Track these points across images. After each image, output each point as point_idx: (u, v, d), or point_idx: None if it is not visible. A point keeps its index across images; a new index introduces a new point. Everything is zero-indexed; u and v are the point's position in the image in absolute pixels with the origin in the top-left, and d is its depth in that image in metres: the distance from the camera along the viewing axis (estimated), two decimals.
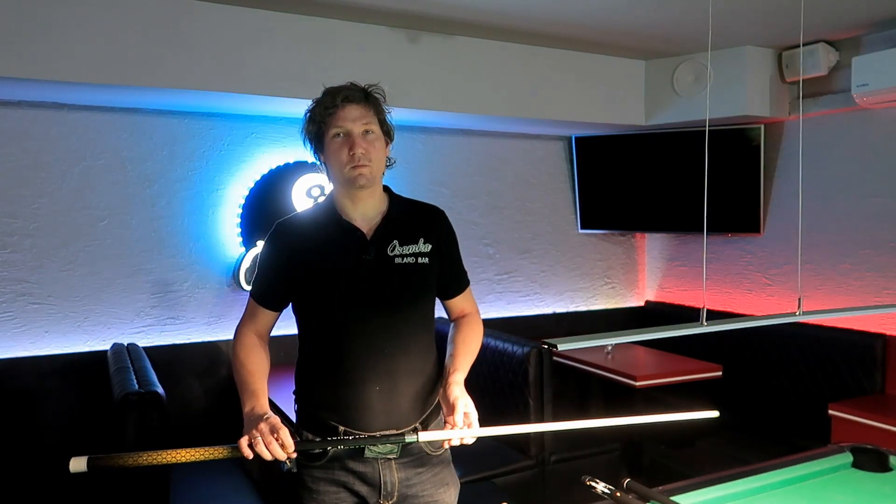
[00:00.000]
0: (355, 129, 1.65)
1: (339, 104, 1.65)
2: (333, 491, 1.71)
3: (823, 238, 3.74)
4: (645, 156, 4.36)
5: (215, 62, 2.95)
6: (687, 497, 1.62)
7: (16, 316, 3.17)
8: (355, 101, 1.66)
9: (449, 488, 1.79)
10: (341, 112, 1.65)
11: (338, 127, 1.66)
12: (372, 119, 1.68)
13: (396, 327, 1.69)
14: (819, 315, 2.13)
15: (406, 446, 1.70)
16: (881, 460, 1.86)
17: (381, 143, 1.71)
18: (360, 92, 1.68)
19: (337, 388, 1.68)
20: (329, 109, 1.66)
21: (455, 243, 1.84)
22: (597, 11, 3.13)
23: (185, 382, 3.45)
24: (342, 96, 1.66)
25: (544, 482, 3.15)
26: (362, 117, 1.66)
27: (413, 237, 1.73)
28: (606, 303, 4.78)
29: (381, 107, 1.72)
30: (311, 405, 1.74)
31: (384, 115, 1.72)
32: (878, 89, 3.16)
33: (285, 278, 1.72)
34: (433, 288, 1.79)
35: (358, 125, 1.66)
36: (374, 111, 1.69)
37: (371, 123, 1.68)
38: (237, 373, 1.76)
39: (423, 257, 1.72)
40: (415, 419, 1.72)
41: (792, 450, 1.98)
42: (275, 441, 1.50)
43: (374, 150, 1.67)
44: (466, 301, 1.88)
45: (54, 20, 2.67)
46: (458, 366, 1.71)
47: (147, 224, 3.41)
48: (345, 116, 1.65)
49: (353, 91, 1.68)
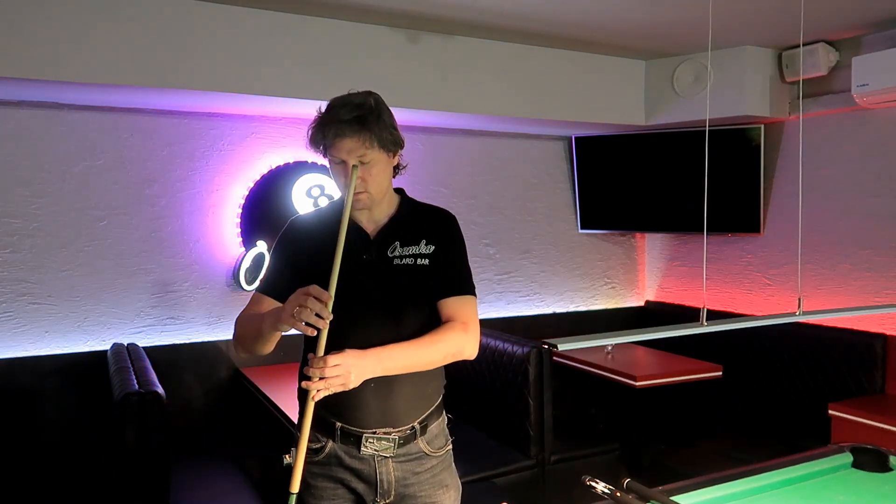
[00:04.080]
0: (350, 160, 1.62)
1: (329, 140, 1.61)
2: (331, 487, 1.72)
3: (823, 238, 3.74)
4: (645, 156, 4.35)
5: (215, 62, 2.95)
6: (687, 497, 1.62)
7: (16, 316, 3.17)
8: (348, 134, 1.60)
9: (448, 490, 1.78)
10: (335, 145, 1.61)
11: (333, 157, 1.64)
12: (368, 145, 1.61)
13: (394, 327, 1.68)
14: (819, 315, 2.13)
15: (404, 445, 1.70)
16: (881, 460, 1.86)
17: (382, 164, 1.66)
18: (352, 122, 1.60)
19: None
20: (325, 140, 1.63)
21: (459, 248, 1.80)
22: (597, 11, 3.13)
23: (185, 382, 3.45)
24: (333, 132, 1.60)
25: (544, 482, 3.15)
26: (356, 149, 1.61)
27: (415, 239, 1.73)
28: (606, 303, 4.78)
29: (379, 125, 1.62)
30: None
31: (386, 131, 1.64)
32: (878, 89, 3.16)
33: (290, 273, 1.72)
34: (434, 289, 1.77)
35: (352, 157, 1.62)
36: (371, 134, 1.61)
37: (367, 150, 1.61)
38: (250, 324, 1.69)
39: (423, 259, 1.72)
40: (413, 419, 1.72)
41: (792, 450, 1.98)
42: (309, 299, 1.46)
43: (370, 177, 1.64)
44: (458, 308, 1.73)
45: (54, 20, 2.67)
46: (389, 346, 1.63)
47: (147, 224, 3.41)
48: (339, 148, 1.61)
49: (343, 125, 1.59)
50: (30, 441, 3.13)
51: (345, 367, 1.53)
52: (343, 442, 1.69)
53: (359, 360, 1.56)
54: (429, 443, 1.74)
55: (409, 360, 1.66)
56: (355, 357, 1.55)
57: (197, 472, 3.13)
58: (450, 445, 1.82)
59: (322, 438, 1.71)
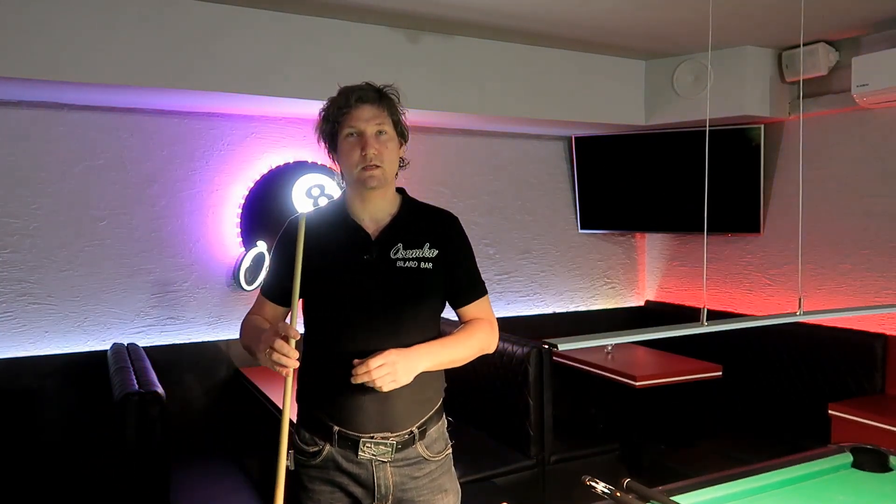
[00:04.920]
0: (368, 129, 1.64)
1: (352, 104, 1.64)
2: (329, 491, 1.70)
3: (823, 238, 3.74)
4: (645, 156, 4.35)
5: (215, 62, 2.95)
6: (687, 497, 1.62)
7: (16, 316, 3.17)
8: (369, 101, 1.65)
9: (447, 495, 1.76)
10: (354, 112, 1.64)
11: (351, 127, 1.65)
12: (385, 119, 1.67)
13: (394, 330, 1.66)
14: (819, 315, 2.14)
15: (402, 450, 1.68)
16: (881, 460, 1.86)
17: (395, 144, 1.70)
18: (374, 92, 1.67)
19: (331, 387, 1.67)
20: (343, 109, 1.65)
21: (467, 251, 1.80)
22: (597, 11, 3.13)
23: (185, 382, 3.45)
24: (356, 96, 1.64)
25: (544, 482, 3.15)
26: (375, 118, 1.65)
27: (419, 241, 1.71)
28: (606, 303, 4.78)
29: (395, 107, 1.70)
30: (309, 404, 1.74)
31: (398, 116, 1.71)
32: (878, 89, 3.16)
33: (290, 274, 1.69)
34: (436, 294, 1.75)
35: (371, 125, 1.64)
36: (389, 112, 1.68)
37: (384, 124, 1.66)
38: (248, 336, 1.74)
39: (427, 262, 1.70)
40: (411, 424, 1.69)
41: (792, 450, 1.97)
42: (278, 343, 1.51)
43: (386, 151, 1.66)
44: (479, 311, 1.80)
45: (54, 20, 2.67)
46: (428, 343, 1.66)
47: (147, 224, 3.41)
48: (358, 116, 1.64)
49: (366, 91, 1.66)
50: (30, 441, 3.13)
51: (389, 364, 1.55)
52: (340, 446, 1.67)
53: (403, 356, 1.58)
54: (427, 447, 1.72)
55: (451, 355, 1.70)
56: (398, 354, 1.57)
57: (197, 472, 3.13)
58: (449, 450, 1.80)
59: (319, 442, 1.70)
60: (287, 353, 1.50)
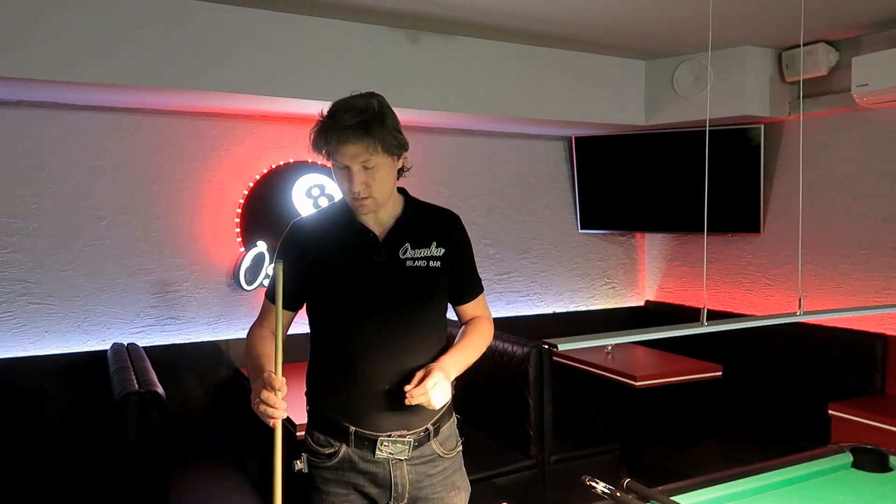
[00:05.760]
0: (353, 165, 1.60)
1: (333, 145, 1.59)
2: (343, 493, 1.70)
3: (823, 238, 3.74)
4: (645, 156, 4.35)
5: (215, 62, 2.95)
6: (687, 497, 1.62)
7: (16, 316, 3.17)
8: (351, 140, 1.57)
9: (459, 492, 1.78)
10: (339, 149, 1.59)
11: (337, 161, 1.62)
12: (372, 151, 1.59)
13: (406, 329, 1.68)
14: (819, 315, 2.13)
15: (418, 447, 1.69)
16: (881, 460, 1.86)
17: (386, 169, 1.65)
18: (356, 128, 1.57)
19: (346, 389, 1.68)
20: (328, 146, 1.61)
21: (468, 249, 1.83)
22: (597, 11, 3.13)
23: (185, 382, 3.45)
24: (336, 138, 1.58)
25: (544, 482, 3.15)
26: (360, 154, 1.59)
27: (426, 241, 1.73)
28: (606, 303, 4.78)
29: (385, 129, 1.60)
30: (322, 406, 1.74)
31: (390, 136, 1.61)
32: (878, 89, 3.16)
33: (297, 278, 1.69)
34: (444, 291, 1.78)
35: (356, 162, 1.60)
36: (376, 138, 1.58)
37: (371, 156, 1.59)
38: (248, 364, 1.73)
39: (435, 261, 1.72)
40: (426, 421, 1.71)
41: (792, 450, 1.98)
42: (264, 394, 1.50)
43: (374, 182, 1.62)
44: (478, 307, 1.87)
45: (54, 20, 2.67)
46: (452, 352, 1.71)
47: (147, 224, 3.41)
48: (343, 154, 1.59)
49: (347, 130, 1.57)
50: (30, 441, 3.12)
51: (441, 383, 1.59)
52: (357, 446, 1.68)
53: (445, 371, 1.63)
54: (441, 444, 1.74)
55: (471, 358, 1.76)
56: (441, 370, 1.61)
57: (197, 472, 3.13)
58: (460, 447, 1.82)
59: (335, 443, 1.70)
60: (274, 405, 1.48)
